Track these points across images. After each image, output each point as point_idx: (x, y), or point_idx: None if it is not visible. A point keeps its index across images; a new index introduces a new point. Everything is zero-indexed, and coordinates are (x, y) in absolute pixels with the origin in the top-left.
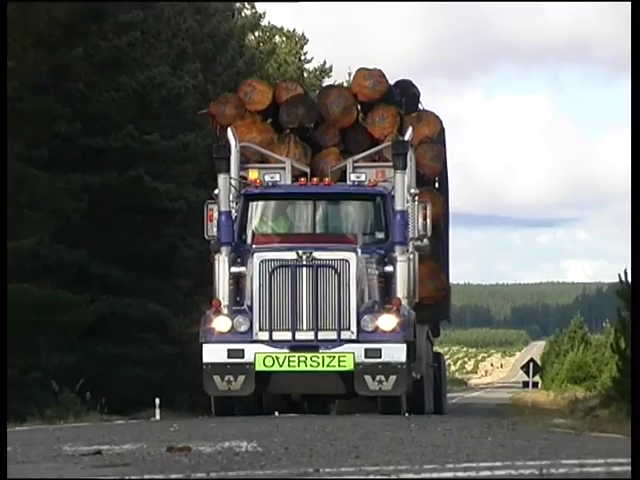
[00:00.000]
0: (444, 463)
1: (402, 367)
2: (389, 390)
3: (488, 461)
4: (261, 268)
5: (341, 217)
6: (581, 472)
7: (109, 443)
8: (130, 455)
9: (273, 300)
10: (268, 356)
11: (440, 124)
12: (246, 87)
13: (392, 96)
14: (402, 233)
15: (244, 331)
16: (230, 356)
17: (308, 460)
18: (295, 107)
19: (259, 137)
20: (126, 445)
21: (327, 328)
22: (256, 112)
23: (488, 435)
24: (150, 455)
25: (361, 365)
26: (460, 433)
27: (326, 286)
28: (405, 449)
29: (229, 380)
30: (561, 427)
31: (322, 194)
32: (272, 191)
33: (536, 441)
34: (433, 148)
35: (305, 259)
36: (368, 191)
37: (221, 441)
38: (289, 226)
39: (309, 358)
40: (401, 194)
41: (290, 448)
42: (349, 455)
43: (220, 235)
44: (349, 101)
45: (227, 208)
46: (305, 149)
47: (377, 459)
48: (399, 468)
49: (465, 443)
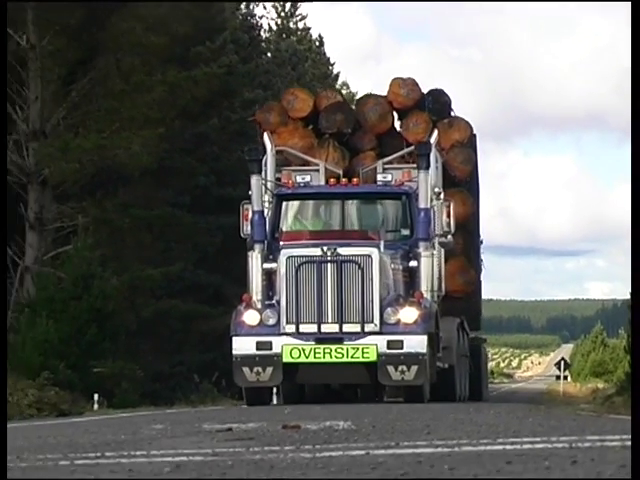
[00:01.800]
0: (495, 438)
1: (423, 357)
2: (411, 380)
3: (529, 437)
4: (288, 264)
5: (368, 215)
6: (602, 446)
7: (238, 422)
8: (254, 431)
9: (299, 294)
10: (295, 348)
11: (470, 130)
12: (289, 96)
13: (425, 103)
14: (425, 230)
15: (272, 324)
16: (259, 348)
17: (390, 436)
18: (334, 114)
19: (300, 142)
20: (251, 424)
21: (351, 321)
22: (298, 119)
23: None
24: (269, 431)
25: (384, 356)
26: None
27: (350, 281)
28: (465, 427)
29: (258, 371)
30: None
31: (350, 194)
32: (302, 191)
33: (566, 422)
34: (463, 152)
35: (330, 255)
36: (394, 190)
37: (323, 421)
38: (318, 224)
39: (334, 350)
40: (425, 192)
41: (377, 426)
42: (422, 432)
43: (253, 233)
44: (385, 108)
45: (260, 207)
46: (343, 153)
47: (444, 435)
48: (460, 442)
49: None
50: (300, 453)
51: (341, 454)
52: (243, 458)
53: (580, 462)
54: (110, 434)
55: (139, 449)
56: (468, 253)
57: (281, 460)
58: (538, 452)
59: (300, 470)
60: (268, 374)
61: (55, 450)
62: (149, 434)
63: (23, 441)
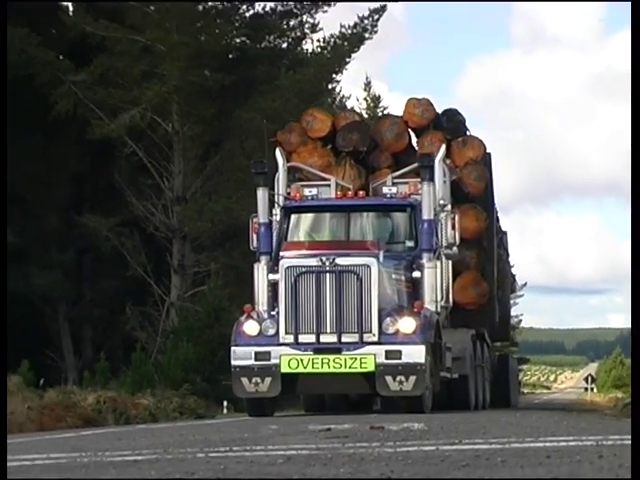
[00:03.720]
0: (537, 437)
1: (421, 368)
2: (409, 390)
3: (564, 436)
4: (287, 274)
5: (373, 227)
6: (622, 444)
7: (335, 424)
8: (348, 431)
9: (298, 304)
10: (293, 358)
11: (484, 148)
12: (308, 117)
13: (440, 123)
14: (429, 241)
15: (272, 335)
16: (257, 359)
17: (454, 434)
18: (350, 133)
19: (319, 161)
20: (345, 425)
21: (350, 331)
22: (317, 138)
23: (564, 420)
24: (359, 431)
25: (382, 366)
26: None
27: (349, 291)
28: (513, 428)
29: (256, 382)
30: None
31: (355, 206)
32: (309, 204)
33: (593, 424)
34: (477, 169)
35: (328, 265)
36: (398, 202)
37: (402, 423)
38: (324, 236)
39: (332, 360)
40: (428, 204)
41: (444, 427)
42: (479, 432)
43: (259, 245)
44: (401, 128)
45: (265, 220)
46: (359, 171)
47: (497, 434)
48: (510, 440)
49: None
50: (384, 448)
51: (416, 449)
52: (339, 452)
53: (605, 456)
54: (236, 433)
55: (258, 444)
56: (482, 267)
57: (369, 454)
58: (571, 448)
59: (384, 462)
60: (267, 385)
61: (194, 445)
62: (266, 433)
63: (169, 438)
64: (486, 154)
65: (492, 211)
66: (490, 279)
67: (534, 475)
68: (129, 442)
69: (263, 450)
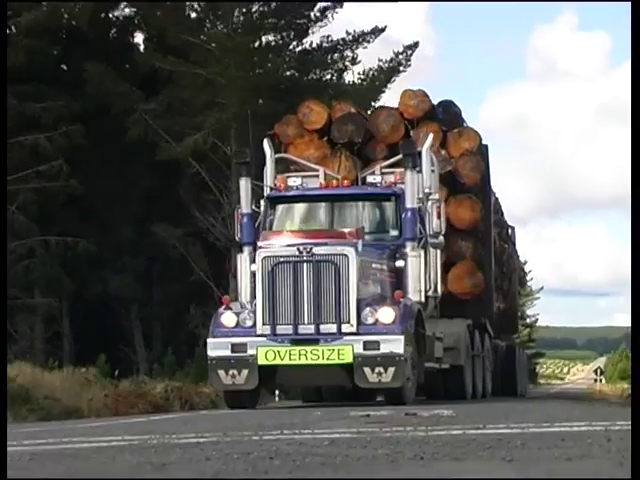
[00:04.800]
0: (553, 422)
1: (400, 359)
2: (388, 382)
3: (577, 422)
4: (264, 264)
5: (355, 217)
6: (628, 429)
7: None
8: (385, 417)
9: (276, 295)
10: (270, 350)
11: (479, 139)
12: (304, 109)
13: (436, 114)
14: (412, 230)
15: (249, 326)
16: (234, 350)
17: (479, 420)
18: (345, 124)
19: (316, 153)
20: (382, 412)
21: (328, 322)
22: (314, 131)
23: (576, 408)
24: (396, 417)
25: (360, 357)
26: (561, 406)
27: (326, 280)
28: (531, 414)
29: (233, 374)
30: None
31: (338, 195)
32: (292, 194)
33: (602, 411)
34: (472, 160)
35: (306, 255)
36: (382, 191)
37: (433, 410)
38: (307, 226)
39: (309, 351)
40: (411, 192)
41: (469, 414)
42: (501, 417)
43: (242, 236)
44: (397, 120)
45: (248, 210)
46: (355, 162)
47: (517, 420)
48: (528, 425)
49: (564, 411)
50: (417, 432)
51: (445, 433)
52: (378, 435)
53: (612, 440)
54: (286, 418)
55: (306, 428)
56: (478, 257)
57: (404, 437)
58: (583, 432)
59: (417, 444)
60: (244, 377)
61: (249, 429)
62: (313, 418)
63: (227, 423)
64: (482, 145)
65: (489, 202)
66: (487, 270)
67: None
68: (193, 426)
69: (310, 433)
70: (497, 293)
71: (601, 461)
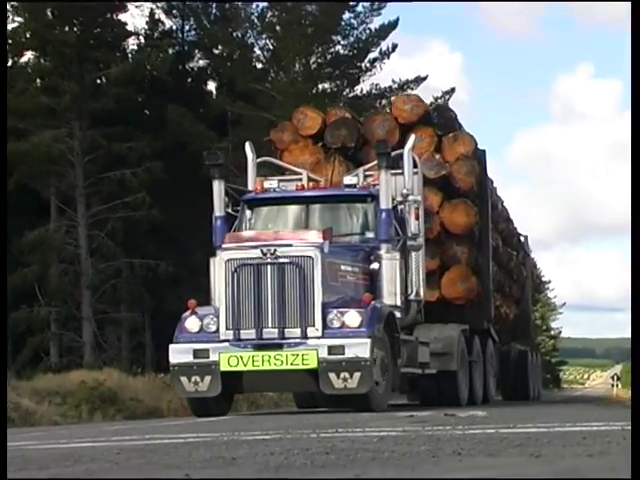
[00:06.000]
0: (575, 422)
1: (366, 363)
2: (354, 387)
3: (596, 422)
4: (226, 267)
5: (331, 218)
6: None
7: (418, 411)
8: (427, 417)
9: (238, 299)
10: (232, 356)
11: (474, 143)
12: (299, 115)
13: (430, 119)
14: (387, 231)
15: (213, 331)
16: (196, 356)
17: (510, 420)
18: (338, 129)
19: (310, 158)
20: (425, 412)
21: (293, 326)
22: (308, 136)
23: (595, 410)
24: (436, 417)
25: (324, 362)
26: (582, 408)
27: (291, 283)
28: (556, 416)
29: (196, 381)
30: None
31: (313, 197)
32: (266, 196)
33: (618, 413)
34: (467, 164)
35: (269, 257)
36: (357, 193)
37: (469, 411)
38: (280, 229)
39: (273, 357)
40: (385, 193)
41: (501, 415)
42: (529, 418)
43: (215, 239)
44: (392, 125)
45: (222, 213)
46: (348, 166)
47: (543, 420)
48: (553, 425)
49: (584, 413)
50: (455, 431)
51: (480, 432)
52: (421, 433)
53: (628, 438)
54: (340, 418)
55: (357, 427)
56: (475, 262)
57: (444, 435)
58: (602, 432)
59: (455, 441)
60: (206, 384)
61: (308, 427)
62: (363, 418)
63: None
64: (477, 150)
65: (486, 207)
66: (485, 274)
67: (573, 453)
68: (258, 425)
69: (361, 432)
70: (505, 299)
71: (618, 457)
